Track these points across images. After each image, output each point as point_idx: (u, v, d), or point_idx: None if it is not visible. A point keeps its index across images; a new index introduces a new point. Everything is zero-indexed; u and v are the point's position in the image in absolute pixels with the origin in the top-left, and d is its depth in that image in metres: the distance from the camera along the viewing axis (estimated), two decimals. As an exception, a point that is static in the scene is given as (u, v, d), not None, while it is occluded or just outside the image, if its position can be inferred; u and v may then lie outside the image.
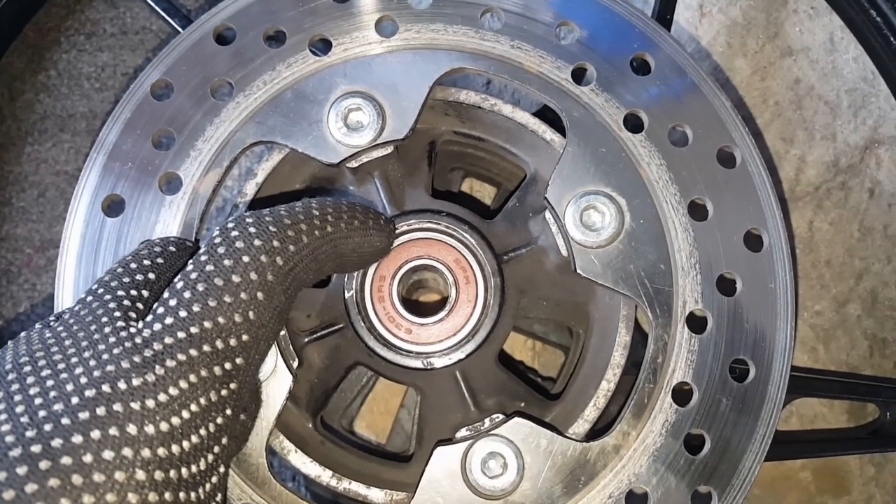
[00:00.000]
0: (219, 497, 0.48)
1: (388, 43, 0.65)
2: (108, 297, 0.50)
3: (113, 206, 0.63)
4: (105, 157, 0.64)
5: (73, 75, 1.01)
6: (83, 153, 1.00)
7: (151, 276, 0.52)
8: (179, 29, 0.77)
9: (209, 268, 0.49)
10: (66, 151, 1.00)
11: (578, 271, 0.62)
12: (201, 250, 0.51)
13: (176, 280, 0.50)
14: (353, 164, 0.66)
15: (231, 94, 0.64)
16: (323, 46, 0.66)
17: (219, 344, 0.47)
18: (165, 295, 0.49)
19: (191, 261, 0.51)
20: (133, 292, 0.50)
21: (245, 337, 0.49)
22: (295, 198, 0.58)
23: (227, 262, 0.49)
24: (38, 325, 0.51)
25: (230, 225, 0.52)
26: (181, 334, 0.47)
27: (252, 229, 0.51)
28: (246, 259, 0.50)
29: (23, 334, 0.50)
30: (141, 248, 0.56)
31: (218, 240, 0.51)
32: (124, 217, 0.63)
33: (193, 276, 0.49)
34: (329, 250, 0.55)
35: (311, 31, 0.65)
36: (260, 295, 0.50)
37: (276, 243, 0.51)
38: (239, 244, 0.50)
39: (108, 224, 0.63)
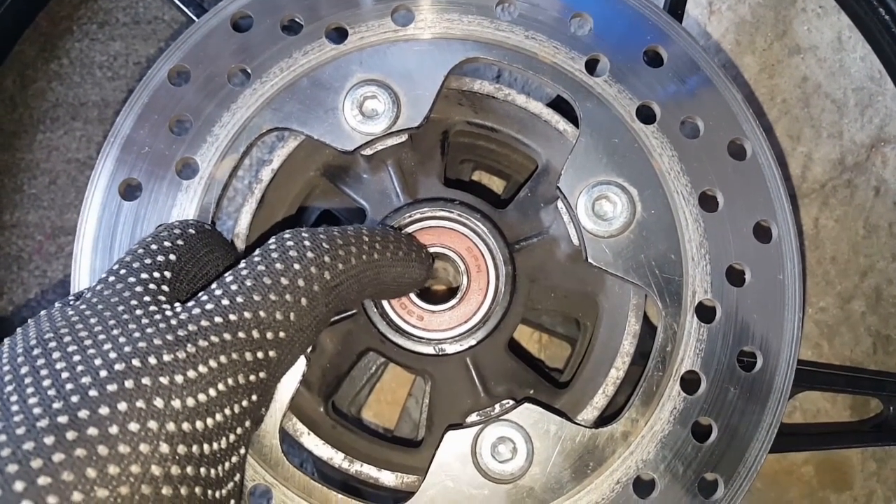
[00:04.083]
0: (237, 477, 0.49)
1: (404, 32, 0.66)
2: (131, 278, 0.50)
3: (130, 190, 0.64)
4: (122, 142, 0.64)
5: (85, 64, 1.02)
6: (95, 141, 1.00)
7: (172, 257, 0.53)
8: (194, 17, 0.77)
9: (260, 268, 0.51)
10: (77, 139, 1.01)
11: (590, 260, 0.63)
12: (255, 253, 0.53)
13: (226, 275, 0.51)
14: (368, 151, 0.66)
15: (247, 81, 0.65)
16: (339, 35, 0.66)
17: (255, 334, 0.48)
18: (213, 286, 0.50)
19: (243, 261, 0.52)
20: (156, 274, 0.51)
21: (282, 334, 0.50)
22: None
23: (278, 266, 0.51)
24: (58, 304, 0.51)
25: (286, 236, 0.54)
26: (218, 319, 0.47)
27: (307, 242, 0.53)
28: (297, 267, 0.51)
29: (43, 313, 0.50)
30: (160, 231, 0.56)
31: (273, 246, 0.53)
32: (141, 201, 0.63)
33: (244, 272, 0.51)
34: (372, 276, 0.56)
35: (327, 20, 0.65)
36: (304, 301, 0.51)
37: (326, 259, 0.53)
38: (292, 253, 0.52)
39: (124, 207, 0.63)
